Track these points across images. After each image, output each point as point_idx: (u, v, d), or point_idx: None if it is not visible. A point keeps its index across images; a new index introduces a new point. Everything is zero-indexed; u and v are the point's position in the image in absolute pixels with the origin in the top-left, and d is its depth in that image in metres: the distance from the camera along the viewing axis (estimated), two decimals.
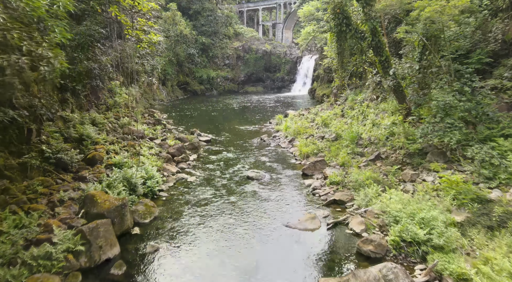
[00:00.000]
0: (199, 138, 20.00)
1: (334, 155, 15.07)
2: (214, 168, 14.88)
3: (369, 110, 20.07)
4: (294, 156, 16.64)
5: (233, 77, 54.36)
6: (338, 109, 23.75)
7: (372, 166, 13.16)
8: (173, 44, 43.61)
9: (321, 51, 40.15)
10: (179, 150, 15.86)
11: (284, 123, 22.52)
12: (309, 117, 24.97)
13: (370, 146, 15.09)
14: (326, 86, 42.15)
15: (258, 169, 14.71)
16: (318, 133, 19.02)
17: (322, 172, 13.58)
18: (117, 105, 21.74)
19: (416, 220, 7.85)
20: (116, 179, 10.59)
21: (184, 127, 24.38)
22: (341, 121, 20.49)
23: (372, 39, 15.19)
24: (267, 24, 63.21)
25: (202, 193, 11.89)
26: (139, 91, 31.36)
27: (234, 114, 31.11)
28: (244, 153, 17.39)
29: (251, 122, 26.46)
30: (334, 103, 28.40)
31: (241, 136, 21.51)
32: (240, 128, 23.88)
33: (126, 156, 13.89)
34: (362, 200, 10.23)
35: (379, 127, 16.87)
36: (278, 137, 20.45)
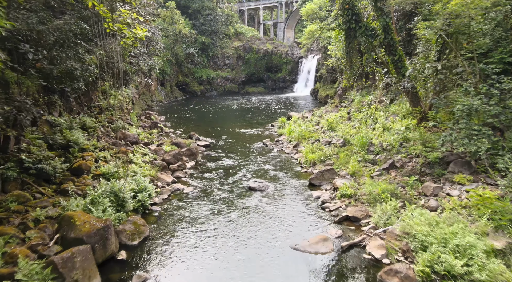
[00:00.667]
0: (198, 143, 18.82)
1: (343, 162, 13.87)
2: (213, 176, 13.69)
3: (378, 113, 18.87)
4: (299, 163, 15.45)
5: (233, 77, 53.19)
6: (344, 112, 22.56)
7: (386, 175, 11.97)
8: (172, 44, 42.45)
9: (324, 51, 38.97)
10: (176, 157, 14.68)
11: (288, 126, 21.33)
12: (314, 120, 23.79)
13: (382, 152, 13.90)
14: (329, 87, 40.96)
15: (260, 178, 13.53)
16: (324, 138, 17.82)
17: (331, 183, 12.38)
18: (111, 108, 20.58)
19: (450, 247, 6.66)
20: (103, 193, 9.41)
21: (182, 130, 23.20)
22: (348, 125, 19.30)
23: (385, 37, 14.01)
24: (268, 24, 62.01)
25: (199, 207, 10.69)
26: (137, 93, 30.20)
27: (235, 116, 29.93)
28: (245, 159, 16.20)
29: (252, 125, 25.28)
30: (339, 105, 27.21)
31: (242, 140, 20.32)
32: (241, 132, 22.70)
33: (117, 165, 12.70)
34: (379, 218, 9.04)
35: (391, 132, 15.68)
36: (281, 142, 19.25)
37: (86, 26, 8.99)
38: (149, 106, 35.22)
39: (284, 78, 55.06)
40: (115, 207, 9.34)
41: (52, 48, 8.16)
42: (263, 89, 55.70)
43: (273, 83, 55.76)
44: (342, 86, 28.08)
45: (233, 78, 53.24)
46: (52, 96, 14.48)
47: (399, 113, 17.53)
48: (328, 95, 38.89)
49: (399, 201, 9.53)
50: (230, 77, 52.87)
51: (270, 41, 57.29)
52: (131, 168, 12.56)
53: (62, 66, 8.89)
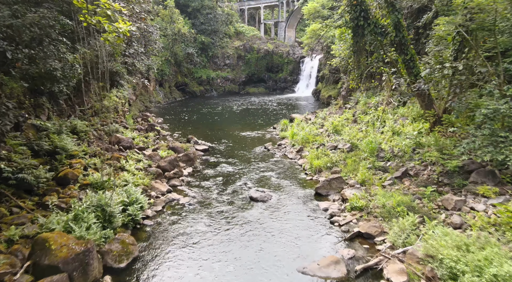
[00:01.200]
0: (196, 147, 17.86)
1: (351, 169, 12.91)
2: (211, 185, 12.73)
3: (386, 115, 17.91)
4: (304, 169, 14.48)
5: (233, 77, 52.26)
6: (349, 114, 21.60)
7: (400, 185, 11.01)
8: (171, 43, 41.51)
9: (326, 51, 38.01)
10: (172, 163, 13.72)
11: (290, 129, 20.37)
12: (317, 122, 22.83)
13: (393, 159, 12.93)
14: (331, 88, 39.99)
15: (262, 186, 12.57)
16: (329, 142, 16.85)
17: (340, 193, 11.42)
18: (106, 110, 19.64)
19: (487, 278, 5.70)
20: (88, 207, 8.45)
21: (180, 133, 22.25)
22: (354, 128, 18.33)
23: (396, 34, 13.05)
24: (269, 23, 61.07)
25: (195, 222, 9.73)
26: (133, 94, 29.27)
27: (235, 118, 28.98)
28: (246, 165, 15.24)
29: (253, 127, 24.32)
30: (343, 106, 26.26)
31: (242, 144, 19.36)
32: (242, 135, 21.74)
33: (107, 173, 11.75)
34: (396, 236, 8.07)
35: (401, 136, 14.72)
36: (284, 146, 18.29)
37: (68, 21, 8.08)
38: (147, 107, 34.28)
39: (285, 78, 54.11)
40: (102, 222, 8.38)
41: (29, 46, 7.23)
42: (264, 89, 54.75)
43: (274, 84, 54.81)
44: (346, 87, 27.14)
45: (233, 79, 52.31)
46: (39, 98, 13.53)
47: (409, 116, 16.58)
48: (331, 96, 37.93)
49: (417, 215, 8.56)
50: (230, 78, 51.94)
51: (271, 40, 56.34)
52: (122, 176, 11.61)
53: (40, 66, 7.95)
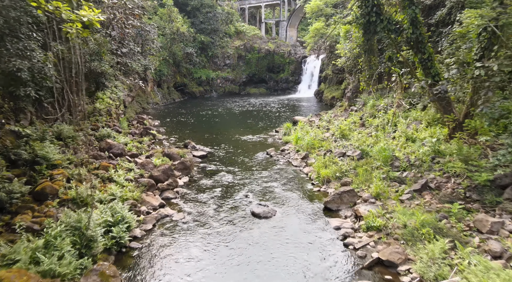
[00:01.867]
0: (193, 153, 16.65)
1: (363, 180, 11.70)
2: (208, 198, 11.52)
3: (398, 119, 16.70)
4: (310, 179, 13.27)
5: (234, 78, 51.06)
6: (356, 117, 20.37)
7: (419, 199, 9.79)
8: (169, 43, 40.32)
9: (330, 50, 36.82)
10: (166, 173, 12.51)
11: (294, 133, 19.15)
12: (322, 125, 21.62)
13: (409, 169, 11.70)
14: (335, 88, 38.76)
15: (265, 199, 11.37)
16: (337, 148, 15.64)
17: (352, 208, 10.21)
18: (97, 113, 18.44)
19: None
20: (62, 231, 7.25)
21: (177, 137, 21.05)
22: (363, 133, 17.12)
23: (413, 31, 11.83)
24: (270, 22, 59.89)
25: (189, 244, 8.52)
26: (129, 95, 28.09)
27: (235, 121, 27.77)
28: (247, 173, 14.04)
29: (254, 130, 23.11)
30: (349, 108, 25.05)
31: (243, 149, 18.15)
32: (242, 139, 20.53)
33: (92, 185, 10.54)
34: (425, 267, 6.86)
35: (416, 142, 13.50)
36: (288, 152, 17.07)
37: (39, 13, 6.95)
38: (144, 109, 33.10)
39: (286, 78, 52.88)
40: (80, 249, 7.18)
41: None
42: (265, 90, 53.53)
43: (275, 84, 53.59)
44: (351, 88, 25.94)
45: (234, 79, 51.11)
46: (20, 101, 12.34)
47: (423, 120, 15.35)
48: (334, 97, 36.72)
49: (447, 240, 7.35)
50: (231, 78, 50.74)
51: (272, 40, 55.13)
52: (109, 189, 10.40)
53: (2, 66, 6.78)
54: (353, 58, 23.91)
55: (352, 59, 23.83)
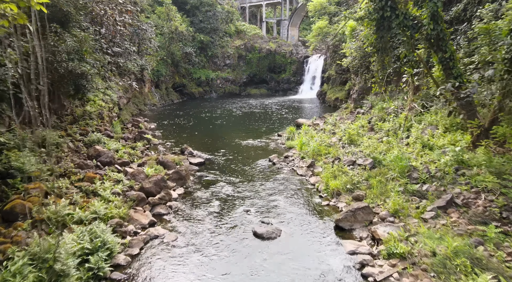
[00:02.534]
0: (190, 161, 15.42)
1: (378, 193, 10.47)
2: (205, 214, 10.29)
3: (410, 123, 15.47)
4: (318, 190, 12.03)
5: (234, 78, 49.86)
6: (364, 121, 19.12)
7: (446, 218, 8.57)
8: (167, 42, 39.11)
9: (333, 50, 35.61)
10: (158, 184, 11.28)
11: (298, 138, 17.95)
12: (327, 129, 20.39)
13: (430, 181, 10.46)
14: (338, 89, 37.54)
15: (268, 215, 10.14)
16: (346, 155, 14.41)
17: (368, 228, 8.98)
18: (88, 116, 17.23)
19: None
20: (26, 264, 6.03)
21: (174, 141, 19.83)
22: (373, 138, 15.89)
23: (433, 27, 10.59)
24: (271, 21, 58.66)
25: (182, 275, 7.29)
26: (125, 97, 26.90)
27: (236, 123, 26.55)
28: (248, 184, 12.81)
29: (255, 134, 21.89)
30: (355, 111, 23.82)
31: (243, 155, 16.93)
32: (243, 144, 19.30)
33: (73, 201, 9.33)
34: None
35: (434, 150, 12.28)
36: (292, 159, 15.85)
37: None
38: (141, 110, 31.90)
39: (288, 79, 51.66)
40: None
41: None
42: (266, 91, 52.34)
43: (276, 85, 52.38)
44: (357, 89, 24.72)
45: (234, 79, 49.90)
46: None
47: (439, 124, 14.12)
48: (338, 99, 35.50)
49: (489, 275, 6.11)
50: (231, 78, 49.53)
51: (273, 40, 53.92)
52: (92, 205, 9.17)
53: None
54: (360, 58, 22.69)
55: (359, 59, 22.61)
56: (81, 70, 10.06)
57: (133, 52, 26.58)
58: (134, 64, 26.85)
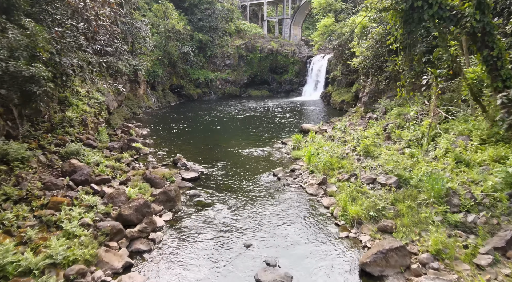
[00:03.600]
0: (182, 175, 13.42)
1: (410, 223, 8.46)
2: (196, 252, 8.26)
3: (435, 132, 13.44)
4: (333, 216, 10.01)
5: (234, 79, 47.85)
6: (379, 128, 17.06)
7: (509, 265, 6.54)
8: (164, 41, 37.10)
9: (338, 49, 33.58)
10: (140, 211, 9.26)
11: (305, 148, 15.96)
12: (336, 136, 18.39)
13: (475, 209, 8.43)
14: (344, 91, 35.51)
15: (275, 252, 8.13)
16: (363, 171, 12.39)
17: (405, 276, 6.94)
18: (68, 123, 15.23)
19: None
20: None
21: (167, 150, 17.81)
22: (392, 149, 13.85)
23: (480, 18, 8.56)
24: (273, 20, 56.63)
25: None
26: (115, 99, 24.92)
27: (235, 128, 24.53)
28: (249, 207, 10.80)
29: (257, 141, 19.88)
30: (365, 115, 21.80)
31: (244, 167, 14.92)
32: (243, 153, 17.29)
33: (27, 239, 7.32)
34: None
35: (472, 167, 10.24)
36: (299, 173, 13.84)
37: None
38: (134, 114, 29.92)
39: (290, 80, 49.66)
40: None
41: None
42: (267, 92, 50.32)
43: (278, 86, 50.38)
44: (368, 91, 22.69)
45: (234, 80, 47.89)
46: None
47: (473, 135, 12.06)
48: (344, 101, 33.49)
49: None
50: (231, 79, 47.52)
51: (275, 39, 51.93)
52: (49, 244, 7.15)
53: None
54: (372, 58, 20.67)
55: (371, 59, 20.59)
56: (29, 73, 7.98)
57: (125, 51, 24.60)
58: (125, 65, 24.87)
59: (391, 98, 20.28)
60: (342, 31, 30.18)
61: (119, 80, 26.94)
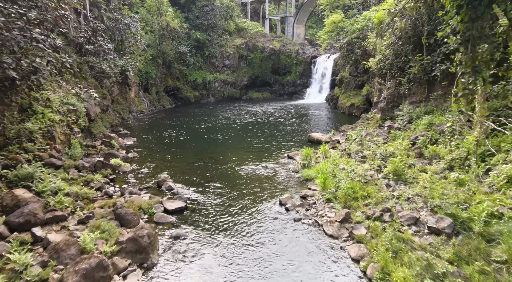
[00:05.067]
0: (165, 206, 10.55)
1: None
2: None
3: (484, 149, 10.59)
4: (368, 276, 7.14)
5: (234, 81, 45.02)
6: (406, 141, 14.16)
7: None
8: (158, 40, 34.29)
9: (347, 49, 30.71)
10: (91, 276, 6.39)
11: (318, 165, 13.13)
12: (352, 149, 15.57)
13: None
14: (353, 94, 32.67)
15: None
16: (398, 203, 9.52)
17: None
18: (27, 137, 12.40)
19: None
20: None
21: (153, 166, 14.99)
22: (429, 171, 10.98)
23: None
24: (275, 18, 53.82)
25: None
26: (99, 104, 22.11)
27: (234, 137, 21.67)
28: (250, 257, 7.94)
29: (259, 154, 17.04)
30: (384, 124, 18.93)
31: (243, 192, 12.07)
32: (242, 171, 14.45)
33: None
34: None
35: None
36: (313, 201, 10.98)
37: None
38: (123, 119, 27.12)
39: (293, 81, 46.81)
40: None
41: None
42: (269, 94, 47.51)
43: (280, 88, 47.55)
44: (386, 96, 19.82)
45: (234, 82, 45.07)
46: None
47: None
48: (354, 105, 30.64)
49: None
50: (231, 81, 44.69)
51: (277, 38, 49.13)
52: None
53: None
54: (392, 57, 17.83)
55: (392, 59, 17.74)
56: None
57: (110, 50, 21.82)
58: (110, 66, 22.08)
59: (414, 104, 17.42)
60: (352, 28, 27.32)
61: (105, 83, 24.14)
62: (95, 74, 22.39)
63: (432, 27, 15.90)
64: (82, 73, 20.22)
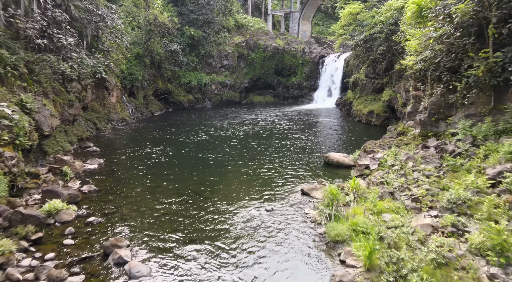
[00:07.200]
0: None
1: None
2: None
3: None
4: None
5: (233, 83, 40.45)
6: (481, 179, 9.52)
7: None
8: (144, 36, 29.75)
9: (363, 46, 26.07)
10: None
11: (348, 210, 8.53)
12: (391, 182, 11.02)
13: None
14: (371, 99, 28.01)
15: None
16: None
17: None
18: None
19: None
20: None
21: (111, 211, 10.42)
22: None
23: None
24: (278, 14, 49.23)
25: None
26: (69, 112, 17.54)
27: (230, 157, 17.02)
28: None
29: (260, 186, 12.46)
30: (427, 142, 14.30)
31: (238, 267, 7.46)
32: (238, 218, 9.87)
33: None
34: None
35: None
36: None
37: None
38: (98, 131, 22.61)
39: (299, 84, 42.20)
40: None
41: None
42: (272, 98, 42.97)
43: (285, 91, 42.96)
44: (427, 106, 15.19)
45: (233, 84, 40.50)
46: None
47: None
48: (373, 113, 26.00)
49: None
50: (229, 83, 40.11)
51: (280, 36, 44.56)
52: None
53: None
54: (443, 53, 13.20)
55: (444, 56, 13.10)
56: None
57: (72, 46, 17.27)
58: (72, 66, 17.50)
59: (473, 118, 12.81)
60: (373, 21, 22.69)
61: (75, 87, 19.59)
62: (58, 77, 17.88)
63: (505, 11, 11.32)
64: (34, 75, 15.66)
